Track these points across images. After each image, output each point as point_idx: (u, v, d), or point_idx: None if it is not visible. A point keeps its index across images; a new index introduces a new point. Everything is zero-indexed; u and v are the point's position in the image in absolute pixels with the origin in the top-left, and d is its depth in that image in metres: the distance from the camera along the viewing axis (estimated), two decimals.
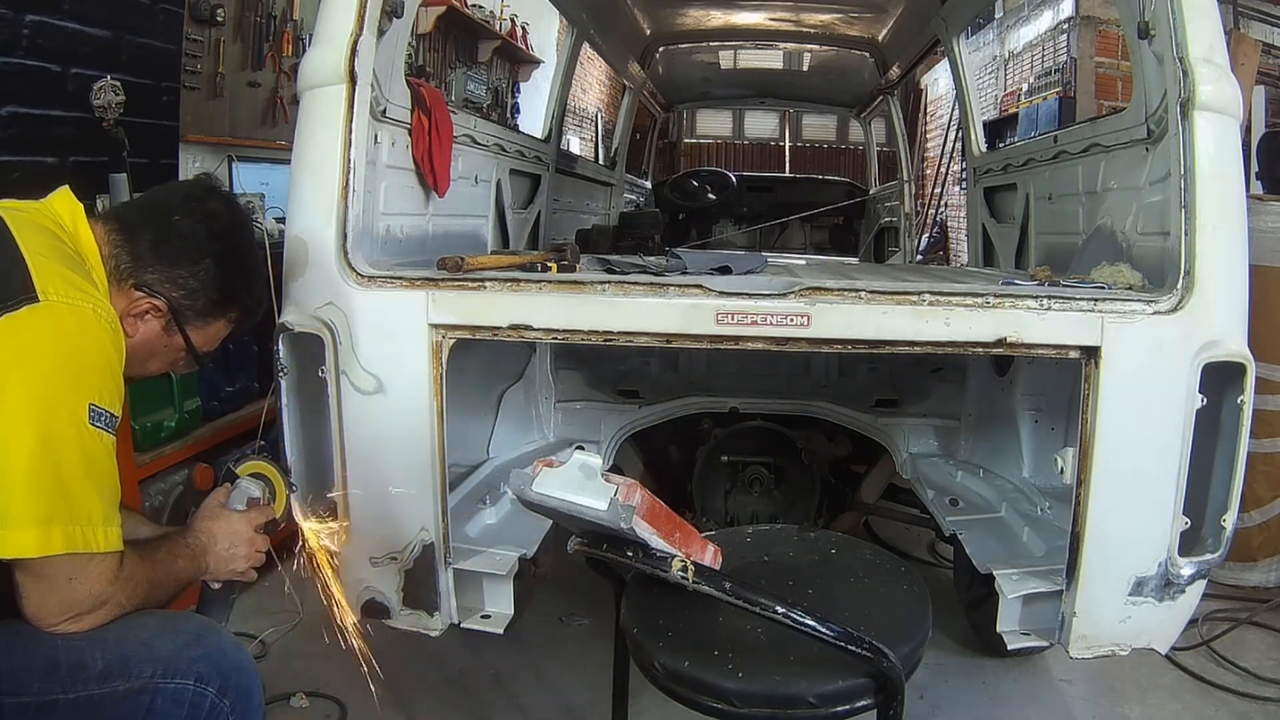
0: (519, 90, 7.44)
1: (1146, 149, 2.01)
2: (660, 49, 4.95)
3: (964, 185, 4.70)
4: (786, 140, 12.47)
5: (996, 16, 8.53)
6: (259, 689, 1.42)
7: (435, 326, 1.86)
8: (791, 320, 1.81)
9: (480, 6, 6.57)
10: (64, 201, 1.44)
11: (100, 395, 1.27)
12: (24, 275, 1.25)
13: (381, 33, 1.97)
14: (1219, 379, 1.80)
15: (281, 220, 2.60)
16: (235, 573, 1.55)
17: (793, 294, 1.82)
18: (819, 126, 12.18)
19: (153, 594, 1.38)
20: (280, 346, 1.90)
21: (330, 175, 1.86)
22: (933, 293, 1.81)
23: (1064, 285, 1.92)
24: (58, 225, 1.40)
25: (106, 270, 1.41)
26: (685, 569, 1.32)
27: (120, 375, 1.34)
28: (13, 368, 1.20)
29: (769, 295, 1.82)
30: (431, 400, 1.87)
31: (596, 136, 9.01)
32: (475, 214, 2.84)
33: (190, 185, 1.68)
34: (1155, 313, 1.77)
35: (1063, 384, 2.35)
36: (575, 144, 8.23)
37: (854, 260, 5.76)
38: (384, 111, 2.06)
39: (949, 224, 8.46)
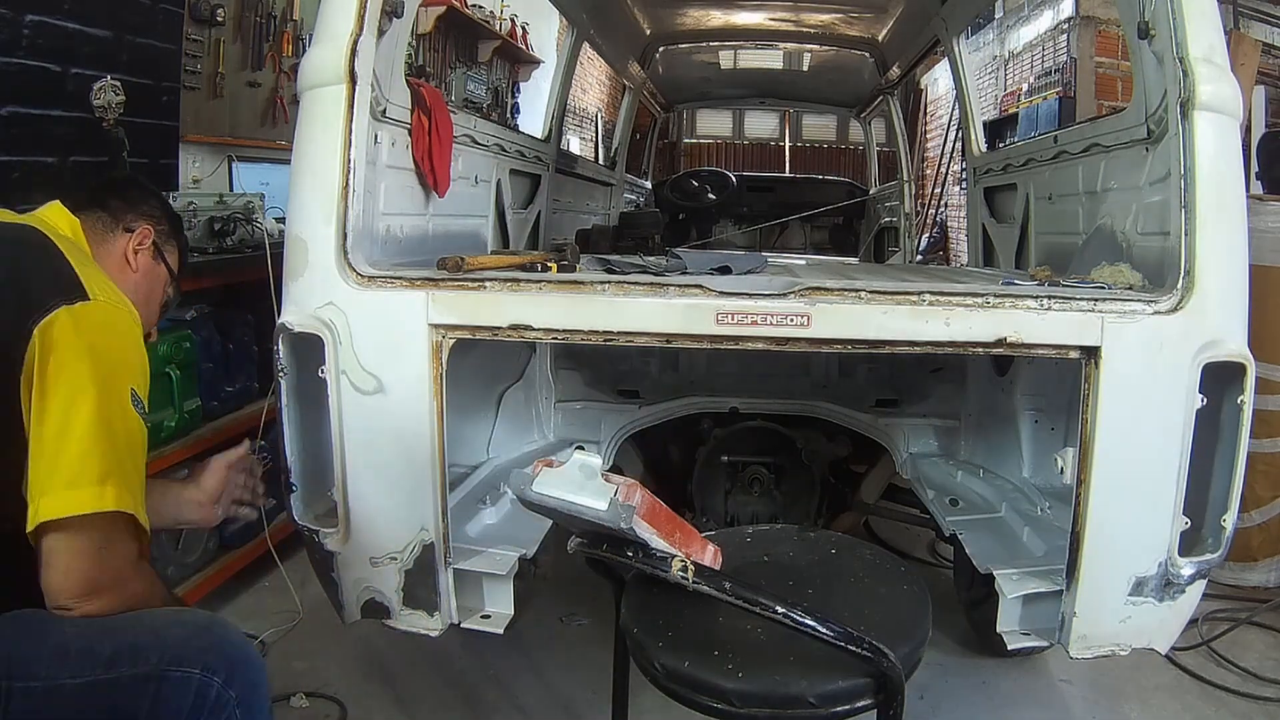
0: (519, 90, 7.44)
1: (1146, 149, 2.01)
2: (660, 49, 4.94)
3: (964, 185, 4.70)
4: (786, 140, 12.47)
5: (996, 16, 8.53)
6: (265, 682, 1.43)
7: (435, 326, 1.86)
8: (791, 320, 1.81)
9: (480, 6, 6.57)
10: (61, 216, 1.61)
11: (138, 383, 1.42)
12: (75, 278, 1.41)
13: (381, 33, 1.96)
14: (1219, 379, 1.80)
15: (281, 220, 2.60)
16: (239, 503, 1.79)
17: (793, 294, 1.81)
18: (819, 126, 12.18)
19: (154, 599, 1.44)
20: (280, 346, 1.89)
21: (330, 175, 1.86)
22: (933, 293, 1.81)
23: (1064, 285, 1.92)
24: (65, 237, 1.55)
25: (92, 247, 1.62)
26: (685, 569, 1.32)
27: (148, 369, 1.49)
28: (83, 348, 1.34)
29: (769, 295, 1.82)
30: (431, 400, 1.87)
31: (596, 136, 9.01)
32: (475, 214, 2.84)
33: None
34: (1155, 313, 1.77)
35: (1063, 384, 2.35)
36: (575, 144, 8.23)
37: (854, 260, 5.76)
38: (384, 111, 2.06)
39: (949, 224, 8.46)
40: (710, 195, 6.53)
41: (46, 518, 1.28)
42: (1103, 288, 1.87)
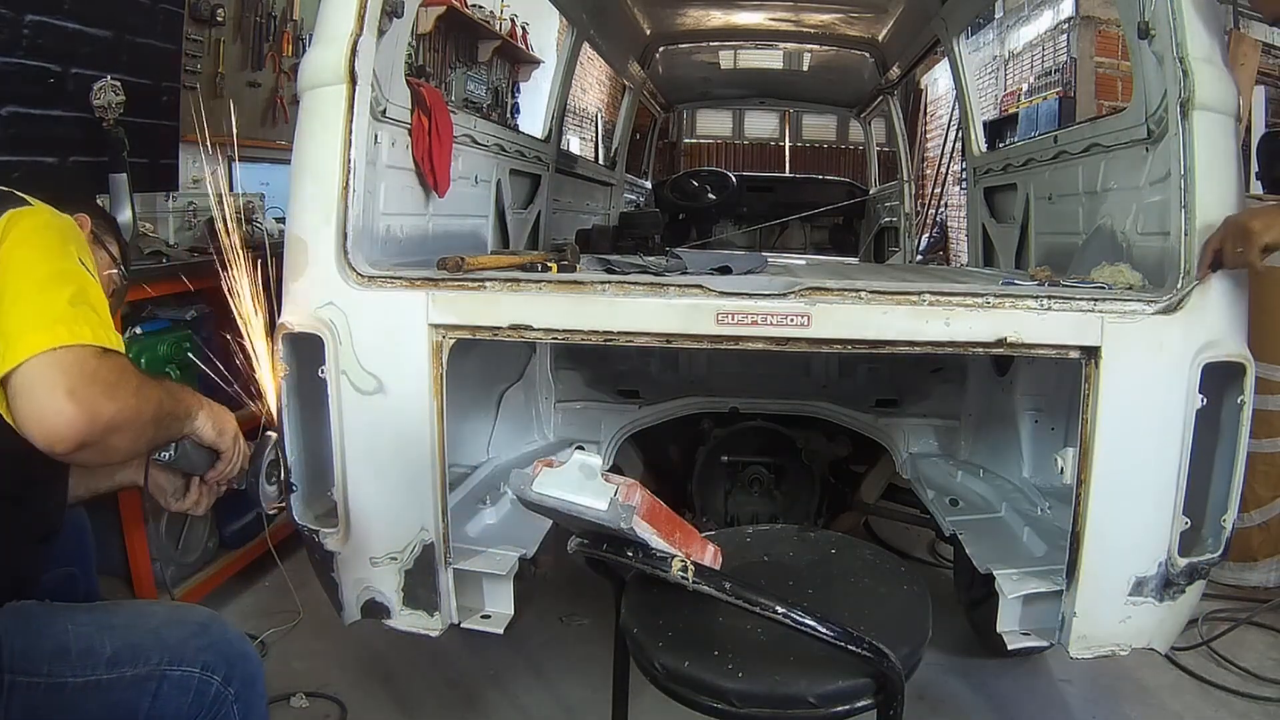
0: (519, 90, 7.44)
1: (1146, 149, 2.01)
2: (660, 49, 4.94)
3: (964, 185, 4.70)
4: (786, 140, 12.47)
5: (996, 16, 8.53)
6: (262, 679, 1.45)
7: (435, 326, 1.86)
8: (791, 320, 1.81)
9: (480, 6, 6.57)
10: None
11: (86, 258, 1.38)
12: (19, 197, 1.41)
13: (381, 33, 1.97)
14: (1219, 379, 1.80)
15: (281, 220, 2.60)
16: (221, 440, 1.56)
17: (793, 294, 1.82)
18: (819, 126, 12.17)
19: (161, 406, 1.37)
20: (280, 346, 1.90)
21: (330, 175, 1.86)
22: (933, 293, 1.81)
23: (1064, 285, 1.92)
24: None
25: None
26: (685, 569, 1.32)
27: (95, 269, 1.43)
28: (28, 229, 1.33)
29: (769, 295, 1.82)
30: (431, 400, 1.87)
31: (596, 136, 9.01)
32: (475, 214, 2.84)
33: None
34: (1155, 313, 1.78)
35: (1063, 384, 2.35)
36: (575, 144, 8.22)
37: (854, 260, 5.76)
38: (384, 111, 2.06)
39: (949, 224, 8.47)
40: (710, 195, 6.53)
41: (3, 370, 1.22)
42: (1103, 288, 1.87)
